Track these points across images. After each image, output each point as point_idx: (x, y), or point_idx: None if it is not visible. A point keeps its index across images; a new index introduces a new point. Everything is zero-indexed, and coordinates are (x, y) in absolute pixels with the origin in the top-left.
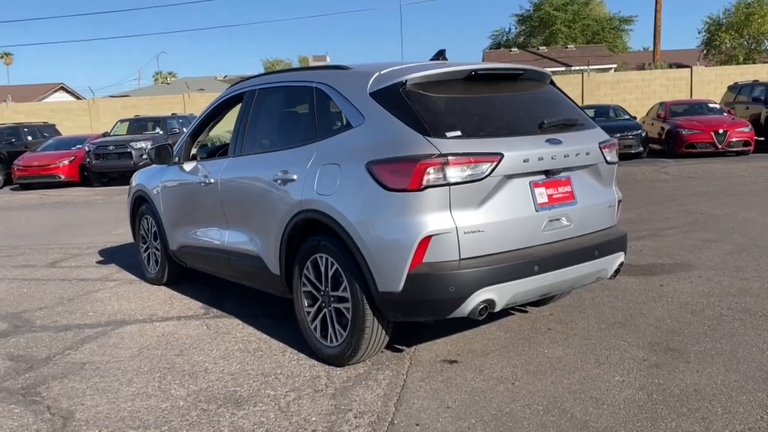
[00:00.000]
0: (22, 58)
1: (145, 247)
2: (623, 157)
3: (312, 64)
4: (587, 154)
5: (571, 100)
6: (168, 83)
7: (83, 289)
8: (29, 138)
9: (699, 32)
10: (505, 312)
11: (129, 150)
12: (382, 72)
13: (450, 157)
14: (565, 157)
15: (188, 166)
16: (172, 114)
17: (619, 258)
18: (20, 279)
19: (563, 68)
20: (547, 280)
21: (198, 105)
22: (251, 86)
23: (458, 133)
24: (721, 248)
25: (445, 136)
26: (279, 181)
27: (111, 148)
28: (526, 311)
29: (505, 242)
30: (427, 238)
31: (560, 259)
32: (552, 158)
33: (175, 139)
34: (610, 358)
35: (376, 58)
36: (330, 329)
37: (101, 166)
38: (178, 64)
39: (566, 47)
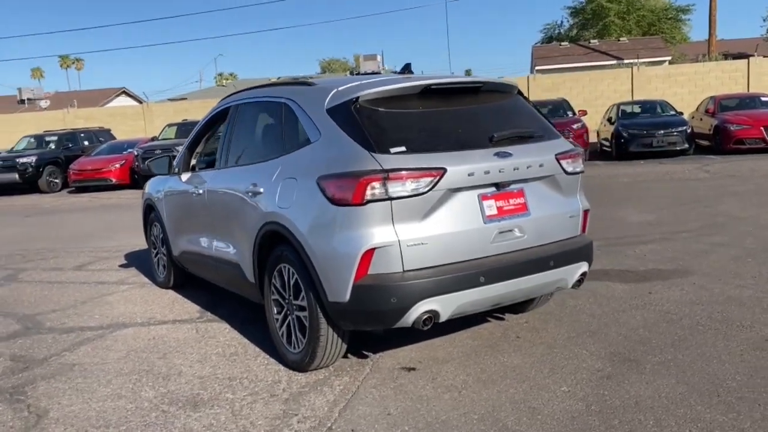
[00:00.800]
0: (92, 64)
1: (155, 252)
2: (668, 154)
3: (362, 63)
4: (541, 165)
5: (538, 110)
6: (224, 85)
7: (98, 292)
8: (86, 143)
9: (764, 20)
10: (481, 318)
11: (174, 153)
12: (339, 89)
13: (391, 173)
14: (514, 169)
15: (184, 177)
16: None
17: (581, 268)
18: (46, 281)
19: (615, 62)
20: (496, 290)
21: None
22: (234, 101)
23: (403, 148)
24: (728, 253)
25: (389, 152)
26: (250, 194)
27: (158, 152)
28: (503, 318)
29: (451, 254)
30: (371, 251)
31: (510, 270)
32: (500, 171)
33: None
34: (565, 368)
35: (428, 56)
36: (293, 336)
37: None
38: (240, 65)
39: (619, 40)
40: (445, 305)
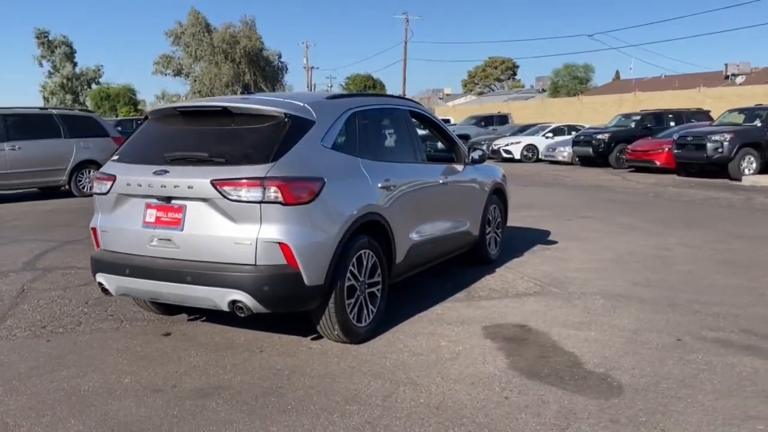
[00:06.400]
0: None
1: None
2: None
3: None
4: (189, 187)
5: (285, 140)
6: None
7: None
8: (672, 123)
9: None
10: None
11: (705, 142)
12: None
13: (97, 174)
14: (162, 186)
15: None
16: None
17: (230, 295)
18: None
19: None
20: (142, 285)
21: None
22: None
23: (117, 157)
24: None
25: (112, 159)
26: None
27: (689, 138)
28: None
29: (120, 245)
30: (94, 230)
31: (150, 272)
32: (149, 186)
33: None
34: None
35: None
36: None
37: (681, 156)
38: None
39: None
40: (109, 282)
